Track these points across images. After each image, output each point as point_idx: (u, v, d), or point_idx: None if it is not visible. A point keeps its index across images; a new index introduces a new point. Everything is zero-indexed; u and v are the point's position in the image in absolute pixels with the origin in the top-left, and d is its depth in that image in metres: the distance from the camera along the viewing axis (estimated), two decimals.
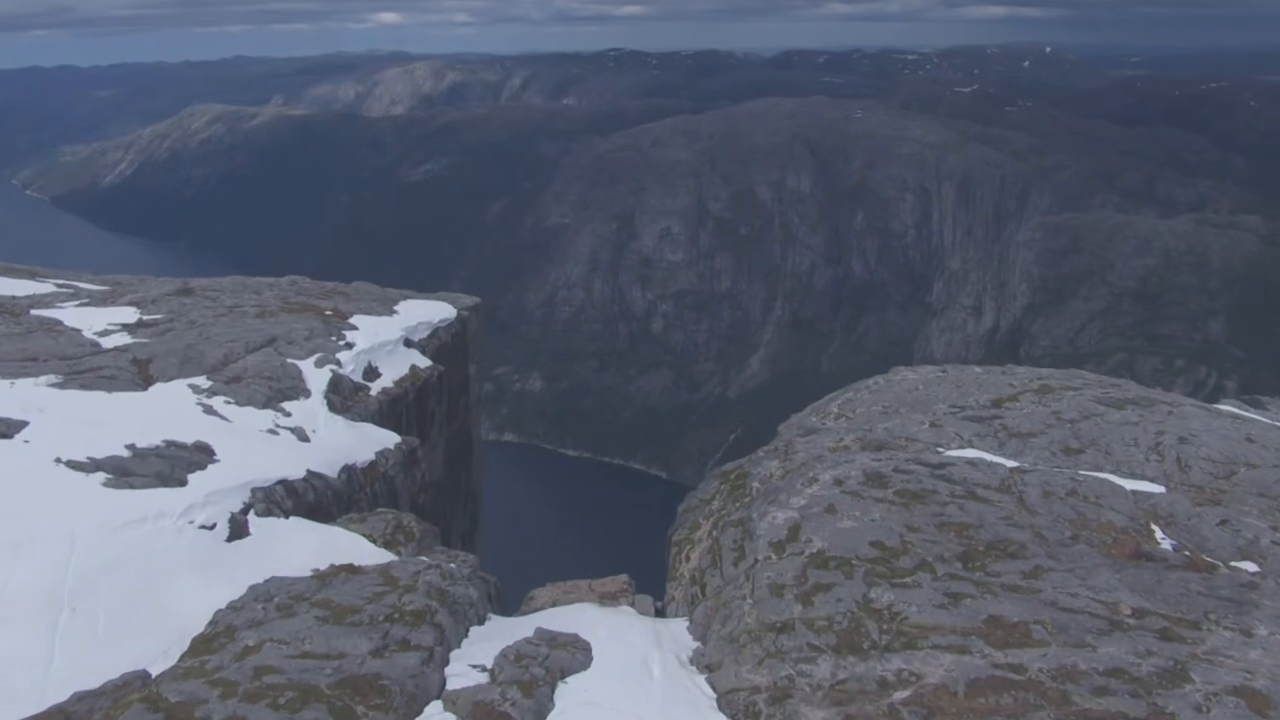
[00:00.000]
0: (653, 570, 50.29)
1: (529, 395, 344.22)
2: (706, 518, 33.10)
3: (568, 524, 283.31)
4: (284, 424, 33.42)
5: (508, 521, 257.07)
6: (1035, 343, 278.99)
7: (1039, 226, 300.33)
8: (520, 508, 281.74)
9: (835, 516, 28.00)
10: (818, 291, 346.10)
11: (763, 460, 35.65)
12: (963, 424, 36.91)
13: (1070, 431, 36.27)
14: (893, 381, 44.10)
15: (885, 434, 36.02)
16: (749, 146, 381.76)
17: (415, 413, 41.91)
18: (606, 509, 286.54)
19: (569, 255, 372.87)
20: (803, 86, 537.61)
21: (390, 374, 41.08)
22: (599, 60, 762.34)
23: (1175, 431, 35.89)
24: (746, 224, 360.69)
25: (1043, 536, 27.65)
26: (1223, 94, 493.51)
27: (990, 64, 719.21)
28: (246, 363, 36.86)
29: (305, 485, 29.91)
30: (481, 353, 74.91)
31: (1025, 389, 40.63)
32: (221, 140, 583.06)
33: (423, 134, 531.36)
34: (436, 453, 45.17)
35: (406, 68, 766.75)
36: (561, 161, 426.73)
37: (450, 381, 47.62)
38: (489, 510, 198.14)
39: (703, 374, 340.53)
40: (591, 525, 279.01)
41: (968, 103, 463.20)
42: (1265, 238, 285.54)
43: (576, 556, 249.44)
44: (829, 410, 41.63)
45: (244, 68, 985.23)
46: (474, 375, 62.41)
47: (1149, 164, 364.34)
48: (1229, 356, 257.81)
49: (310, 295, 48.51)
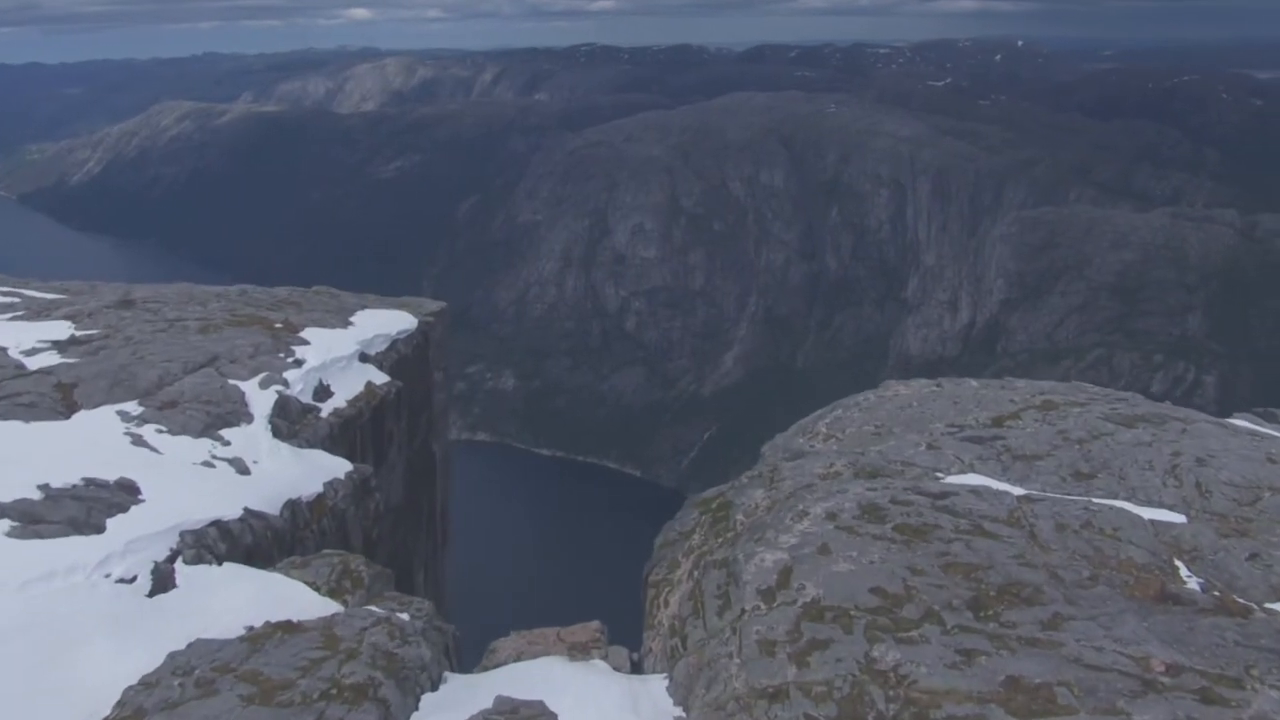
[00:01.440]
0: (627, 584, 47.87)
1: (501, 394, 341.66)
2: (686, 555, 30.24)
3: (541, 527, 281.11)
4: (221, 455, 30.46)
5: (480, 527, 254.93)
6: (1012, 338, 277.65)
7: (1015, 221, 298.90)
8: (493, 510, 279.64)
9: (830, 558, 25.25)
10: (792, 287, 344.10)
11: (747, 488, 32.83)
12: (962, 445, 34.24)
13: (1079, 453, 33.63)
14: (884, 397, 41.26)
15: (879, 458, 33.31)
16: (722, 141, 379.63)
17: (371, 434, 39.02)
18: (580, 509, 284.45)
19: (541, 252, 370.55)
20: (775, 81, 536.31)
21: (343, 393, 38.12)
22: (571, 55, 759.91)
23: (1192, 452, 33.27)
24: (720, 220, 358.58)
25: (1059, 577, 24.96)
26: (1195, 87, 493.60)
27: (963, 58, 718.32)
28: (183, 385, 33.86)
29: (242, 526, 26.99)
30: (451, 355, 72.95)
31: (1027, 405, 37.93)
32: (190, 138, 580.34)
33: (394, 130, 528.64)
34: (395, 475, 42.30)
35: (377, 64, 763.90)
36: (533, 158, 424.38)
37: (411, 397, 44.73)
38: (460, 516, 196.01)
39: (676, 371, 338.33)
40: (565, 528, 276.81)
41: (941, 96, 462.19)
42: (1241, 231, 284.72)
43: (549, 568, 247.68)
44: (816, 430, 38.74)
45: (214, 64, 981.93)
46: (440, 383, 59.52)
47: (1124, 157, 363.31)
48: (1207, 351, 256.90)
49: (260, 306, 45.47)
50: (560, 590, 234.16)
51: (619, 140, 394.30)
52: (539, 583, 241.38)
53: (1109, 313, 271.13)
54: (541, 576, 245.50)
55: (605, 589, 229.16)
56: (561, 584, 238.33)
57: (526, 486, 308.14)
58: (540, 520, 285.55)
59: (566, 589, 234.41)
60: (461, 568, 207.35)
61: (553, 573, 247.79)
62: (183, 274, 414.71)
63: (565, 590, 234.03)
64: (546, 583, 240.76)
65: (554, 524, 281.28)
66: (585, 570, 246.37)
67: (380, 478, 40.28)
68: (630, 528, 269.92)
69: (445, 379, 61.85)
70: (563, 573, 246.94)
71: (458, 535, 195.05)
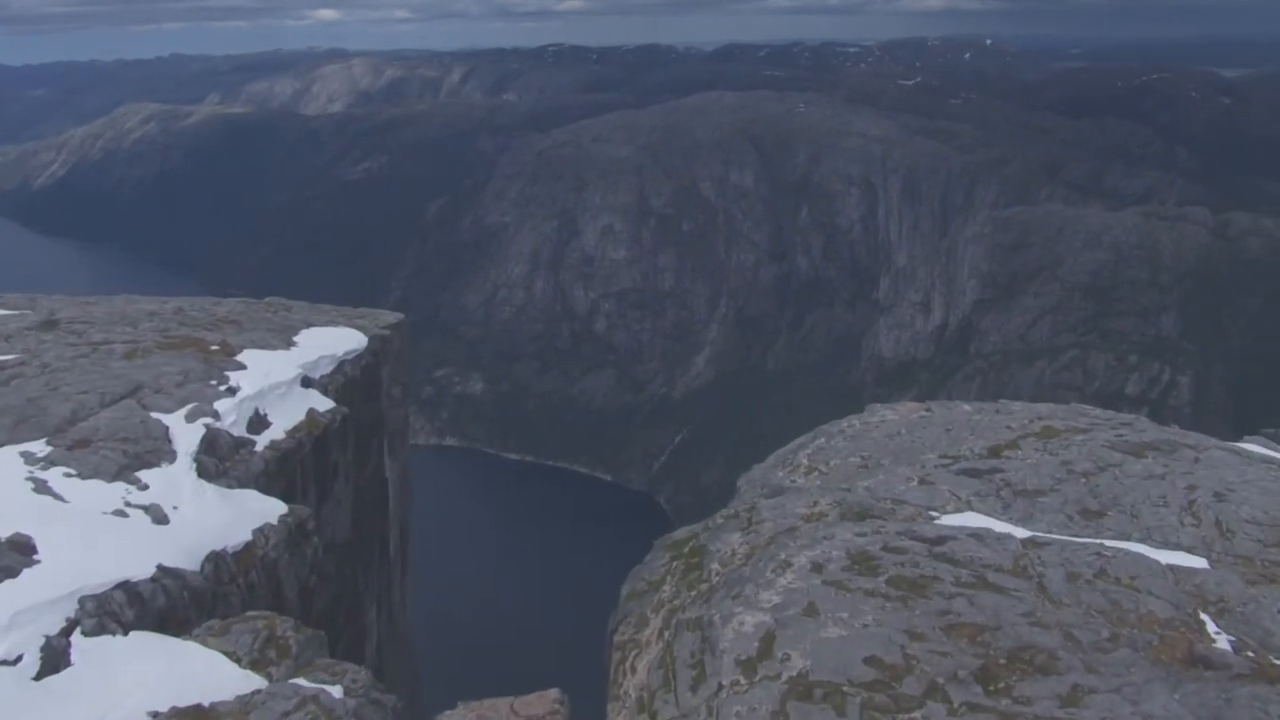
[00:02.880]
0: (597, 599, 45.11)
1: (470, 398, 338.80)
2: (655, 610, 27.16)
3: (510, 534, 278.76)
4: (137, 501, 27.25)
5: (448, 535, 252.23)
6: (985, 339, 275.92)
7: (987, 221, 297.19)
8: (462, 517, 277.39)
9: (818, 621, 22.37)
10: (763, 288, 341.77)
11: (722, 530, 29.80)
12: (958, 480, 31.36)
13: (1086, 487, 30.82)
14: (870, 424, 38.09)
15: (868, 495, 30.41)
16: (691, 141, 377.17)
17: (313, 467, 35.88)
18: (551, 515, 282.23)
19: (509, 254, 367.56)
20: (745, 80, 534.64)
21: (282, 423, 34.93)
22: (539, 55, 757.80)
23: (1208, 485, 30.53)
24: (689, 220, 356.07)
25: (1074, 638, 22.17)
26: (1164, 85, 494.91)
27: (932, 56, 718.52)
28: (99, 420, 30.64)
29: (154, 587, 23.87)
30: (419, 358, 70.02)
31: (1026, 432, 35.03)
32: (155, 140, 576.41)
33: (361, 131, 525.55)
34: (341, 509, 39.16)
35: (345, 64, 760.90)
36: (501, 158, 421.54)
37: (359, 422, 41.58)
38: (428, 525, 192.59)
39: (647, 374, 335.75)
40: (535, 534, 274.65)
41: (911, 95, 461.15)
42: (1214, 230, 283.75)
43: (518, 580, 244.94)
44: (798, 462, 35.70)
45: (180, 66, 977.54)
46: (399, 399, 56.54)
47: (1095, 156, 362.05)
48: (1182, 351, 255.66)
49: (197, 325, 42.18)
50: (529, 607, 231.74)
51: (587, 140, 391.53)
52: (507, 596, 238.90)
53: (1082, 313, 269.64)
54: (510, 588, 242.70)
55: (575, 604, 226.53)
56: (531, 598, 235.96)
57: (495, 492, 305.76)
58: (510, 527, 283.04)
59: (535, 605, 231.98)
60: (427, 584, 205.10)
61: (522, 584, 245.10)
62: (148, 277, 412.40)
63: (534, 607, 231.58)
64: (515, 596, 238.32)
65: (524, 530, 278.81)
66: (555, 580, 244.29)
67: (323, 515, 37.25)
68: (601, 533, 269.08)
69: (404, 394, 58.82)
70: (533, 584, 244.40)
71: (424, 548, 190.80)
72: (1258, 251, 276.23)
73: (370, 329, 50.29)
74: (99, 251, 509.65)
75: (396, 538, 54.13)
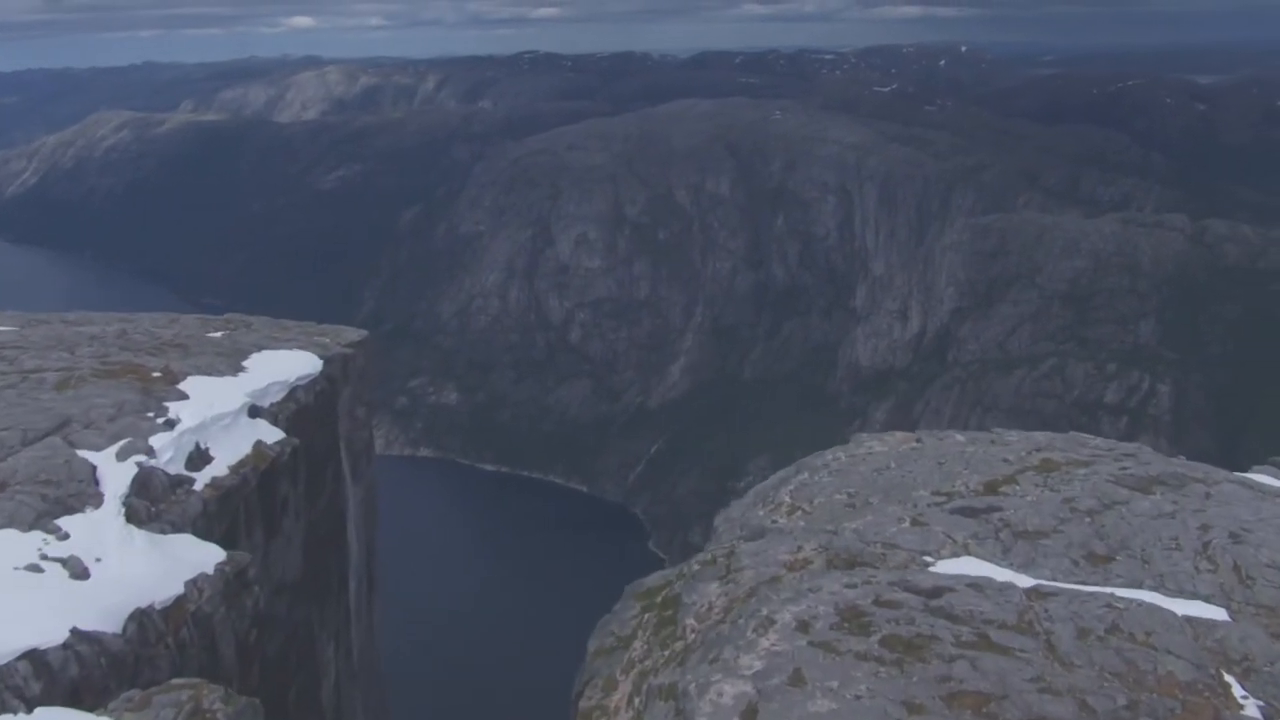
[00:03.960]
0: (574, 617, 42.98)
1: (444, 408, 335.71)
2: (625, 671, 24.74)
3: (486, 546, 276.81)
4: (54, 553, 24.65)
5: (422, 548, 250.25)
6: (963, 348, 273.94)
7: (965, 229, 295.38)
8: (436, 529, 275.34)
9: (804, 691, 20.04)
10: (739, 297, 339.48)
11: (698, 579, 27.33)
12: (953, 520, 29.05)
13: (1091, 528, 28.53)
14: (856, 457, 35.50)
15: (856, 539, 28.06)
16: (666, 149, 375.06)
17: (259, 505, 33.45)
18: (527, 526, 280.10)
19: (484, 263, 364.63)
20: (720, 87, 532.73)
21: (225, 457, 32.45)
22: (514, 63, 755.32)
23: (1223, 525, 28.28)
24: (665, 228, 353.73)
25: (1089, 707, 19.94)
26: (1139, 92, 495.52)
27: (907, 63, 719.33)
28: (18, 461, 28.04)
29: (66, 655, 21.40)
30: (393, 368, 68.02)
31: (1023, 466, 32.70)
32: (129, 148, 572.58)
33: (335, 139, 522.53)
34: (292, 548, 36.72)
35: (319, 72, 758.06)
36: (476, 167, 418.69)
37: (313, 452, 39.17)
38: (402, 537, 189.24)
39: (622, 383, 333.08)
40: (511, 547, 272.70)
41: (887, 102, 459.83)
42: (1192, 237, 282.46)
43: (494, 595, 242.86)
44: (779, 499, 33.14)
45: (154, 73, 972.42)
46: (363, 419, 54.29)
47: (1071, 162, 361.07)
48: (1161, 359, 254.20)
49: (139, 350, 39.62)
50: (504, 624, 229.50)
51: (562, 148, 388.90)
52: (482, 612, 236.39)
53: (1061, 321, 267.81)
54: (485, 604, 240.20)
55: (551, 620, 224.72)
56: (506, 615, 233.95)
57: (470, 503, 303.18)
58: (485, 539, 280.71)
59: (511, 622, 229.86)
60: (401, 601, 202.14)
61: (498, 600, 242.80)
62: (120, 286, 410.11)
63: (509, 624, 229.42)
64: (490, 613, 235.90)
65: (499, 543, 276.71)
66: (531, 595, 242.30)
67: (271, 555, 34.88)
68: (577, 545, 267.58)
69: (369, 414, 56.57)
70: (508, 600, 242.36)
71: (398, 562, 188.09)
72: (1236, 259, 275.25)
73: (332, 347, 48.09)
74: (71, 260, 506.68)
75: (361, 563, 51.88)
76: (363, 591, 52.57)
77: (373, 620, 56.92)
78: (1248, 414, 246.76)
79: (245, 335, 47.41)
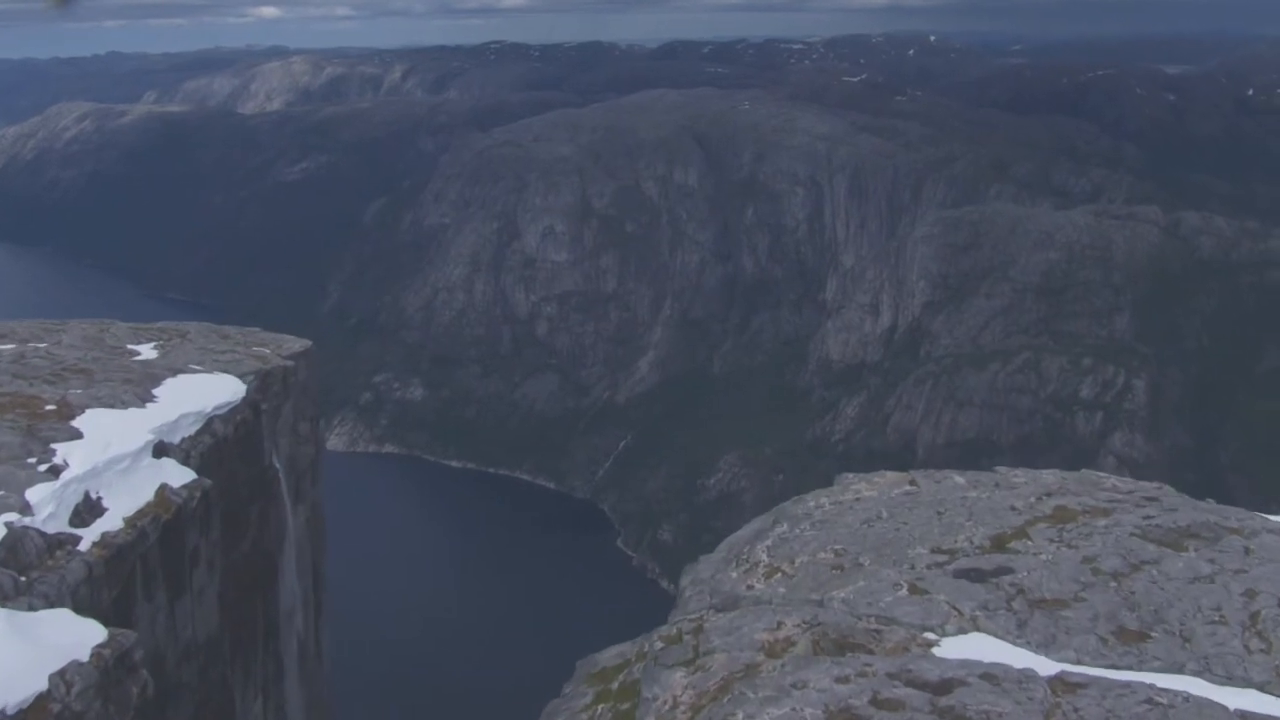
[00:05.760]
0: (539, 626, 39.02)
1: (410, 404, 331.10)
2: None
3: (451, 546, 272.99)
4: None
5: (387, 548, 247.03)
6: (936, 342, 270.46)
7: (936, 221, 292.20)
8: (401, 527, 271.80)
9: None
10: (708, 290, 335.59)
11: (660, 663, 23.01)
12: (958, 586, 24.88)
13: (1118, 596, 24.39)
14: (842, 504, 30.90)
15: (845, 611, 23.89)
16: (634, 140, 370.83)
17: (161, 561, 29.12)
18: (493, 526, 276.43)
19: (449, 256, 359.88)
20: (688, 78, 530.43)
21: (121, 508, 28.12)
22: (480, 53, 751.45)
23: (1271, 590, 24.20)
24: (633, 221, 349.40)
25: None
26: (1108, 81, 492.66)
27: (876, 53, 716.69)
28: None
29: None
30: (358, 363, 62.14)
31: (1034, 515, 28.47)
32: (90, 139, 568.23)
33: (299, 130, 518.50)
34: (204, 602, 32.39)
35: (285, 62, 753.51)
36: (441, 158, 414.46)
37: (232, 492, 34.84)
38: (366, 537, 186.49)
39: (590, 378, 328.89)
40: (477, 546, 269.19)
41: (856, 92, 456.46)
42: (1165, 229, 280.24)
43: (459, 600, 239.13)
44: (755, 557, 28.60)
45: (117, 64, 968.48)
46: (307, 435, 50.05)
47: (1042, 153, 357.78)
48: (1135, 354, 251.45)
49: (36, 377, 35.02)
50: (469, 625, 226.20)
51: (528, 140, 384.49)
52: (447, 612, 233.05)
53: (1035, 315, 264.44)
54: (450, 605, 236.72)
55: (518, 622, 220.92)
56: (472, 616, 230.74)
57: (436, 501, 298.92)
58: (451, 538, 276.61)
59: (477, 624, 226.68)
60: (363, 600, 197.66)
61: (464, 600, 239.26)
62: (82, 281, 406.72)
63: (475, 626, 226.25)
64: (455, 613, 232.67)
65: (466, 542, 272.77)
66: (497, 595, 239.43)
67: (177, 615, 30.57)
68: (545, 544, 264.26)
69: (314, 428, 52.27)
70: (475, 600, 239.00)
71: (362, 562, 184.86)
72: (1210, 251, 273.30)
73: (272, 359, 44.07)
74: (31, 255, 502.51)
75: (305, 593, 47.75)
76: (309, 625, 48.53)
77: (321, 648, 52.96)
78: (1224, 408, 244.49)
79: (177, 349, 43.40)
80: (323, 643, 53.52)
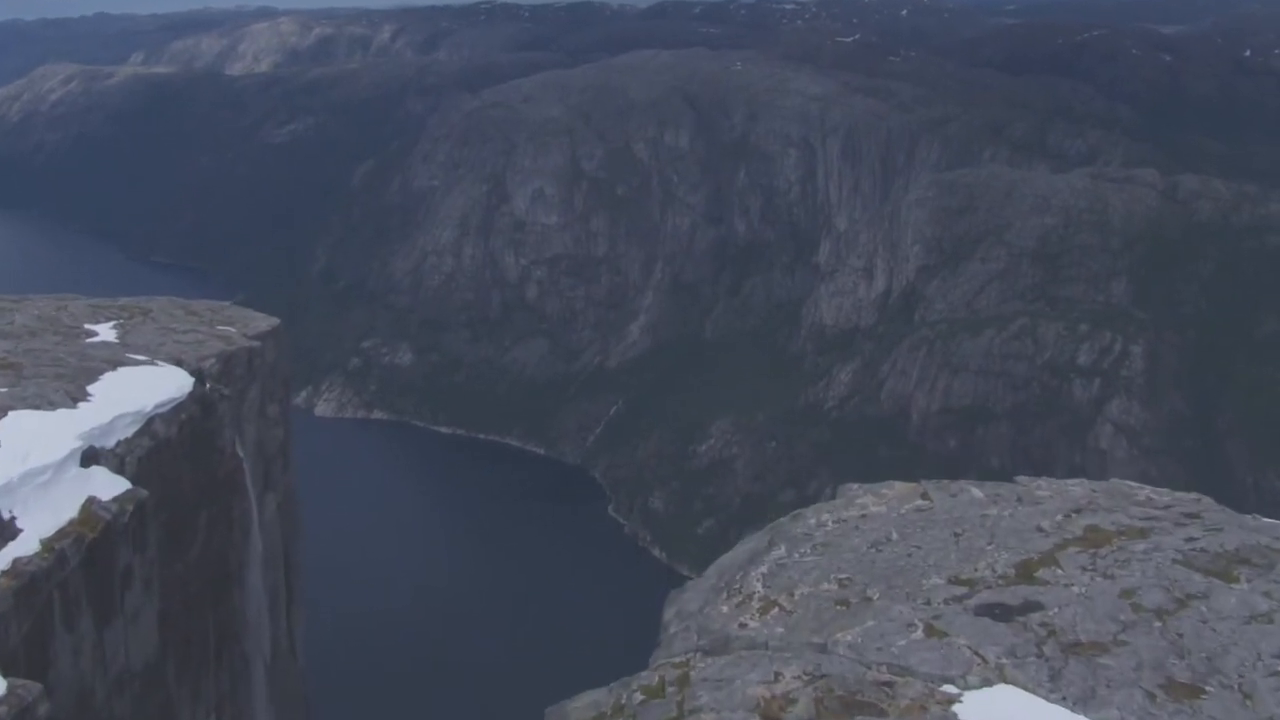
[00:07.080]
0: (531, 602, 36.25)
1: (398, 369, 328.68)
2: None
3: (441, 514, 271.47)
4: None
5: (376, 516, 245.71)
6: (931, 307, 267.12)
7: (931, 184, 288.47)
8: (389, 494, 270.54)
9: None
10: (699, 253, 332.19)
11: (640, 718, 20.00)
12: (980, 626, 21.72)
13: (1164, 639, 21.21)
14: (846, 523, 27.51)
15: (852, 658, 20.76)
16: (625, 101, 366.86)
17: (85, 587, 25.92)
18: (483, 492, 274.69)
19: (438, 219, 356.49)
20: (680, 38, 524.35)
21: (38, 528, 24.90)
22: (470, 13, 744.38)
23: None
24: (623, 183, 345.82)
25: None
26: (1104, 42, 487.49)
27: (869, 13, 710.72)
28: None
29: None
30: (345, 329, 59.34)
31: (1064, 537, 25.25)
32: (76, 101, 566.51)
33: (287, 92, 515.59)
34: (139, 625, 29.20)
35: (273, 22, 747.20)
36: (430, 120, 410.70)
37: (177, 499, 31.64)
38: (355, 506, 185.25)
39: (580, 343, 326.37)
40: (467, 514, 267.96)
41: (850, 53, 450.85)
42: (1163, 193, 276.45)
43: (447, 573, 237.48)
44: (748, 589, 25.15)
45: (104, 25, 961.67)
46: (276, 418, 46.92)
47: (1038, 114, 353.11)
48: (1132, 319, 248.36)
49: None
50: (460, 593, 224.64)
51: (517, 101, 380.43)
52: (437, 580, 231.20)
53: (1031, 280, 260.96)
54: (440, 573, 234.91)
55: (510, 592, 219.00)
56: (463, 584, 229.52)
57: (426, 467, 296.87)
58: (441, 505, 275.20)
59: (468, 592, 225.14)
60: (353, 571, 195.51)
61: (453, 568, 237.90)
62: (68, 245, 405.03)
63: (466, 593, 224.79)
64: (445, 581, 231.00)
65: (456, 509, 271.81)
66: (489, 563, 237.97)
67: (107, 644, 27.43)
68: (536, 510, 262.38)
69: (284, 411, 49.10)
70: (464, 568, 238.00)
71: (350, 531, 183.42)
72: (1209, 214, 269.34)
73: (237, 339, 40.96)
74: (17, 218, 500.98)
75: (276, 582, 44.82)
76: (280, 619, 45.62)
77: (295, 643, 49.96)
78: (1222, 375, 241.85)
79: (138, 328, 40.40)
80: (296, 636, 50.51)
